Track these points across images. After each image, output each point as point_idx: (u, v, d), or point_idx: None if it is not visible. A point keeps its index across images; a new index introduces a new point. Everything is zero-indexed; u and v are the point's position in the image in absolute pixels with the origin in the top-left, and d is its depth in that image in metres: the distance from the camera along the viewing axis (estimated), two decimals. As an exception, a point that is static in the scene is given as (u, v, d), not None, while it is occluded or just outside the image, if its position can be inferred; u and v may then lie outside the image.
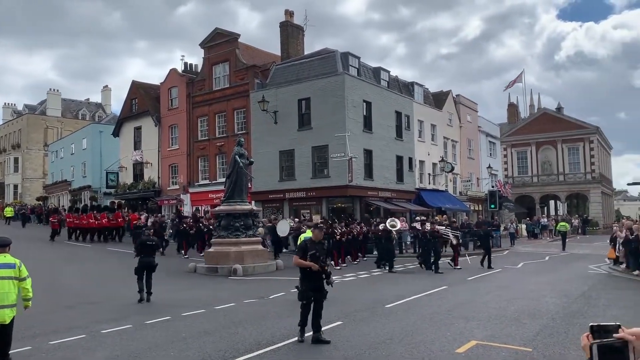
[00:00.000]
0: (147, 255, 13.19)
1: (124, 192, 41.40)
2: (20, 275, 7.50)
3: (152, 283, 13.05)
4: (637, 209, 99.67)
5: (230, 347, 8.38)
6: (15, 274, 7.47)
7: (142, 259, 13.08)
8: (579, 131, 54.90)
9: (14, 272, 7.44)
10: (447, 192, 38.64)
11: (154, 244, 13.65)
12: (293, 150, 30.77)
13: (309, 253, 8.56)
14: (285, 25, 35.87)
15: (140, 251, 13.24)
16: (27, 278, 7.57)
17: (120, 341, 8.94)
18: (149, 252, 13.28)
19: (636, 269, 17.48)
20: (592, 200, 54.48)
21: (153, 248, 13.49)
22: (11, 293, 7.35)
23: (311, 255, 8.53)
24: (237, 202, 20.52)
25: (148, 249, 13.29)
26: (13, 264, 7.50)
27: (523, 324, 9.88)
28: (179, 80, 38.18)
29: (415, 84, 38.12)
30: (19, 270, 7.50)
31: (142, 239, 13.65)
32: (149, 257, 13.15)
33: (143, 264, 13.02)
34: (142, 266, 13.01)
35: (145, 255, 13.15)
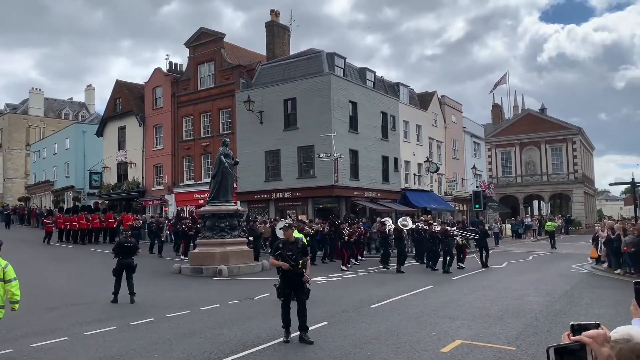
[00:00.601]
0: (126, 256, 13.20)
1: (107, 193, 40.99)
2: (5, 278, 7.49)
3: (133, 284, 13.02)
4: (619, 209, 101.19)
5: (215, 348, 8.33)
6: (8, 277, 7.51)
7: (120, 260, 13.09)
8: (562, 132, 55.55)
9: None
10: (432, 193, 38.85)
11: (132, 245, 13.67)
12: (279, 150, 30.71)
13: (276, 253, 8.83)
14: (271, 25, 35.79)
15: (119, 253, 13.25)
16: (12, 280, 7.55)
17: (104, 343, 8.84)
18: (128, 253, 13.30)
19: (618, 268, 17.73)
20: (575, 201, 55.16)
21: (131, 249, 13.50)
22: (15, 293, 7.51)
23: (279, 254, 8.78)
24: (223, 202, 20.43)
25: (126, 251, 13.31)
26: None
27: (507, 323, 9.96)
28: (163, 79, 37.90)
29: (401, 84, 38.29)
30: (4, 272, 7.49)
31: (121, 240, 13.65)
32: (128, 259, 13.17)
33: (122, 265, 13.04)
34: (121, 267, 13.03)
35: (124, 256, 13.17)
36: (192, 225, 24.96)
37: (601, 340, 1.63)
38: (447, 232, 19.92)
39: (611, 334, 1.90)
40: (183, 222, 25.44)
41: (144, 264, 21.93)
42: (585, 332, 1.65)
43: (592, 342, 1.62)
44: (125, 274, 13.01)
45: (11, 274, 7.57)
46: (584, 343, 1.62)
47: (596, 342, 1.62)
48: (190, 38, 35.96)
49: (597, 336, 1.63)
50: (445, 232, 19.91)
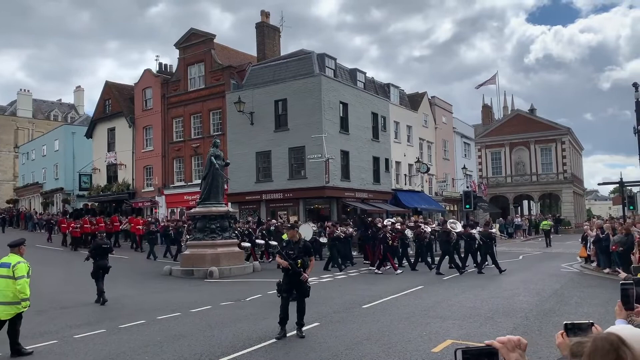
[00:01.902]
0: (103, 258, 13.45)
1: (97, 195, 40.72)
2: (14, 275, 7.96)
3: (103, 284, 13.28)
4: (608, 209, 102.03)
5: (206, 350, 8.30)
6: (9, 273, 7.99)
7: (97, 262, 13.27)
8: (551, 132, 55.91)
9: (7, 271, 8.00)
10: (423, 193, 38.96)
11: (108, 247, 14.00)
12: (270, 151, 30.66)
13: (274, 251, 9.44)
14: (262, 26, 35.77)
15: (96, 254, 13.43)
16: (20, 278, 7.98)
17: (94, 346, 8.78)
18: (104, 255, 13.56)
19: (606, 267, 17.87)
20: (564, 200, 55.53)
21: (107, 251, 13.80)
22: (6, 291, 7.94)
23: (278, 253, 9.56)
24: (213, 203, 20.38)
25: (102, 252, 13.53)
26: (8, 264, 8.10)
27: (497, 322, 10.01)
28: (153, 80, 37.73)
29: (391, 85, 38.38)
30: (13, 270, 7.99)
31: (97, 243, 13.94)
32: (104, 260, 13.45)
33: (99, 267, 13.25)
34: (99, 269, 13.23)
35: (100, 258, 13.38)
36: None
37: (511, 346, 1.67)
38: (469, 234, 19.83)
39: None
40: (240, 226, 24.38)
41: (134, 266, 21.89)
42: (498, 338, 1.69)
43: (502, 347, 1.66)
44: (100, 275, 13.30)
45: (20, 272, 7.99)
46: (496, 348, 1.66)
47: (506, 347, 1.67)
48: (180, 39, 35.83)
49: (508, 342, 1.68)
50: (468, 234, 19.84)
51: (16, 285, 7.96)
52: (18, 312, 8.11)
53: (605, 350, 1.73)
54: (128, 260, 24.40)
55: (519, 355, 1.68)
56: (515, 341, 1.69)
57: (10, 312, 7.99)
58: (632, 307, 2.98)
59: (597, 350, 1.75)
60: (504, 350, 1.65)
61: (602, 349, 1.74)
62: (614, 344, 1.75)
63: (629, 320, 2.91)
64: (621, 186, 30.59)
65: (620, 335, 1.84)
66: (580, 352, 1.81)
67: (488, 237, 19.25)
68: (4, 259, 8.25)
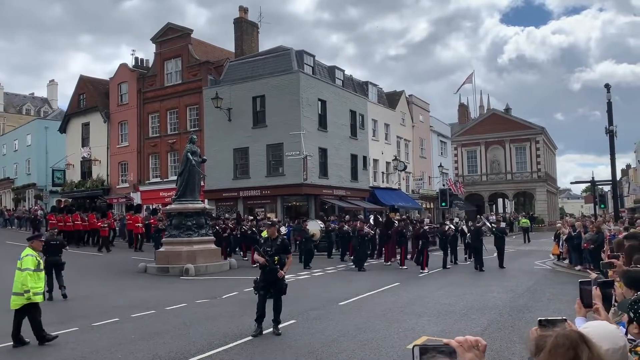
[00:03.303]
0: (53, 254, 13.53)
1: (71, 191, 39.99)
2: (21, 267, 8.64)
3: (63, 279, 13.40)
4: (580, 207, 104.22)
5: (181, 348, 8.22)
6: (18, 265, 8.72)
7: (48, 258, 13.17)
8: (525, 131, 56.77)
9: (19, 263, 8.75)
10: (400, 191, 39.21)
11: (58, 243, 14.16)
12: (247, 148, 30.49)
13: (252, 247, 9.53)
14: (240, 22, 35.51)
15: (46, 251, 13.30)
16: (24, 271, 8.54)
17: (66, 345, 8.62)
18: (55, 251, 13.67)
19: (578, 265, 18.24)
20: (538, 199, 56.46)
21: (58, 247, 13.95)
22: (17, 282, 8.58)
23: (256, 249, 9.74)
24: (189, 200, 20.18)
25: (53, 248, 13.63)
26: (20, 257, 8.86)
27: (472, 319, 10.14)
28: (129, 75, 37.16)
29: (370, 83, 38.50)
30: (20, 262, 8.74)
31: (47, 239, 13.82)
32: (55, 256, 13.56)
33: (50, 263, 13.26)
34: (50, 265, 13.23)
35: (51, 254, 13.40)
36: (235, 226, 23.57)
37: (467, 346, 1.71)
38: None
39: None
40: (217, 223, 23.79)
41: (109, 264, 21.56)
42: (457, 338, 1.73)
43: (458, 347, 1.69)
44: (55, 271, 13.38)
45: (25, 265, 8.61)
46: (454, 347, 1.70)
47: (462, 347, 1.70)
48: (157, 33, 35.35)
49: (465, 342, 1.72)
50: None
51: (18, 277, 8.55)
52: (27, 303, 8.51)
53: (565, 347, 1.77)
54: (102, 257, 24.05)
55: (474, 355, 1.71)
56: (472, 341, 1.73)
57: (17, 302, 8.52)
58: (591, 305, 3.04)
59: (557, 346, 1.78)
60: (460, 349, 1.68)
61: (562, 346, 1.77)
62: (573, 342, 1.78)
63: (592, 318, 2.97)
64: (593, 185, 31.25)
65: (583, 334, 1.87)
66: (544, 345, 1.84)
67: (502, 232, 20.25)
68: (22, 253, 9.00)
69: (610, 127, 21.22)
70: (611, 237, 14.24)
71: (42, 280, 8.99)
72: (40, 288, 8.80)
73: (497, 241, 19.77)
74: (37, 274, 8.73)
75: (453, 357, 1.68)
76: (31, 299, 8.54)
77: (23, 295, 8.48)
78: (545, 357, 1.79)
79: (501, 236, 19.89)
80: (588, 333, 2.05)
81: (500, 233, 20.05)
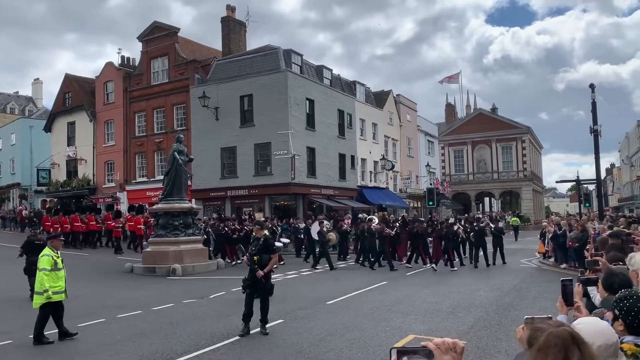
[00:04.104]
0: (35, 254, 13.30)
1: (56, 190, 39.58)
2: (38, 267, 8.86)
3: None
4: (565, 206, 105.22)
5: (168, 348, 8.17)
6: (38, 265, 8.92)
7: (30, 258, 13.18)
8: (511, 131, 57.25)
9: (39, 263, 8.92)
10: (387, 190, 39.33)
11: (41, 243, 13.80)
12: (235, 147, 30.39)
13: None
14: (227, 21, 35.36)
15: (28, 251, 13.37)
16: (41, 271, 8.75)
17: (51, 346, 8.54)
18: (37, 251, 13.40)
19: (563, 263, 18.42)
20: (524, 197, 56.97)
21: (41, 247, 13.60)
22: (37, 281, 8.77)
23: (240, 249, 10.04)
24: (176, 200, 20.07)
25: (36, 249, 13.39)
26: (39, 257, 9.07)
27: (459, 317, 10.19)
28: (115, 74, 36.85)
29: (357, 83, 38.55)
30: (38, 262, 8.96)
31: (30, 239, 13.91)
32: (37, 257, 13.19)
33: (32, 263, 12.99)
34: (32, 265, 13.02)
35: (34, 254, 13.17)
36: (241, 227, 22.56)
37: (445, 348, 1.74)
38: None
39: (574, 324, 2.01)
40: (227, 223, 22.96)
41: (95, 264, 21.37)
42: (434, 340, 1.75)
43: (436, 349, 1.71)
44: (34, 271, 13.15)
45: (41, 264, 8.81)
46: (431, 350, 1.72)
47: (440, 349, 1.72)
48: (144, 32, 35.09)
49: (442, 344, 1.74)
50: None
51: (37, 277, 8.77)
52: (46, 302, 8.65)
53: (557, 348, 1.78)
54: (89, 257, 23.84)
55: (452, 357, 1.73)
56: (449, 344, 1.75)
57: (37, 302, 8.71)
58: (572, 303, 3.07)
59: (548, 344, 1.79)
60: (437, 351, 1.70)
61: (554, 345, 1.79)
62: (565, 342, 1.79)
63: (573, 316, 3.00)
64: (578, 184, 31.59)
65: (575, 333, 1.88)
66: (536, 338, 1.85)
67: (500, 232, 21.12)
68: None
69: (595, 126, 21.43)
70: (595, 235, 14.40)
71: (63, 279, 9.01)
72: (61, 287, 8.90)
73: (496, 240, 20.49)
74: (56, 273, 8.85)
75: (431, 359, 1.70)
76: (51, 298, 8.67)
77: (43, 295, 8.64)
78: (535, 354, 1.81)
79: (500, 235, 20.76)
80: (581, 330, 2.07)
81: (498, 232, 20.92)
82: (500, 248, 20.40)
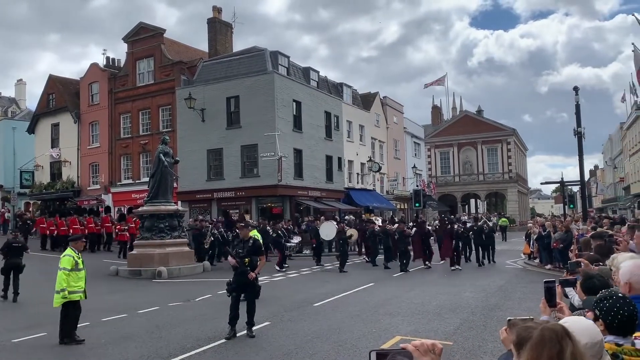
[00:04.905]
0: (14, 256, 13.42)
1: (40, 193, 39.09)
2: (59, 265, 8.95)
3: (19, 284, 13.31)
4: (550, 207, 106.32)
5: (153, 352, 8.10)
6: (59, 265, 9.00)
7: (9, 260, 13.25)
8: (497, 133, 57.72)
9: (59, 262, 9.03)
10: (374, 192, 39.44)
11: (20, 245, 13.98)
12: (221, 149, 30.26)
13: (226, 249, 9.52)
14: (214, 22, 35.24)
15: (7, 253, 13.43)
16: (60, 270, 8.84)
17: (34, 351, 8.42)
18: (16, 253, 13.55)
19: (548, 264, 18.60)
20: (510, 199, 57.43)
21: (20, 250, 13.80)
22: (57, 281, 8.88)
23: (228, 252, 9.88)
24: (162, 202, 19.92)
25: (15, 251, 13.53)
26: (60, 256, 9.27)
27: (445, 318, 10.24)
28: (100, 75, 36.52)
29: (344, 85, 38.62)
30: (59, 261, 9.05)
31: (9, 241, 13.88)
32: (17, 259, 13.44)
33: (10, 265, 13.22)
34: (10, 267, 13.22)
35: (12, 256, 13.34)
36: None
37: (423, 350, 1.76)
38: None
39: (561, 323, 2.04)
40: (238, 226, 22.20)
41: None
42: (413, 342, 1.77)
43: (414, 351, 1.73)
44: (13, 273, 13.27)
45: (61, 264, 8.90)
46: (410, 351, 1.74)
47: (419, 351, 1.74)
48: (129, 33, 34.83)
49: (421, 346, 1.76)
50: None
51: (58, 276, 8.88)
52: (66, 302, 8.79)
53: (552, 341, 1.81)
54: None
55: (430, 359, 1.74)
56: (428, 345, 1.77)
57: (57, 301, 8.83)
58: (555, 304, 3.10)
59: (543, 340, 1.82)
60: (416, 353, 1.72)
61: (549, 340, 1.82)
62: (559, 335, 1.83)
63: (555, 317, 3.03)
64: (562, 186, 31.88)
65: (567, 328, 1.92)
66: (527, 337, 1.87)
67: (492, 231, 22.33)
68: None
69: (579, 128, 21.66)
70: (579, 236, 14.56)
71: (82, 280, 9.13)
72: (80, 287, 9.02)
73: (488, 239, 21.27)
74: (76, 273, 9.00)
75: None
76: (67, 298, 8.79)
77: (60, 294, 8.79)
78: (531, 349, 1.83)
79: (491, 235, 21.69)
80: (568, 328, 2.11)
81: (491, 232, 21.81)
82: (492, 247, 21.43)
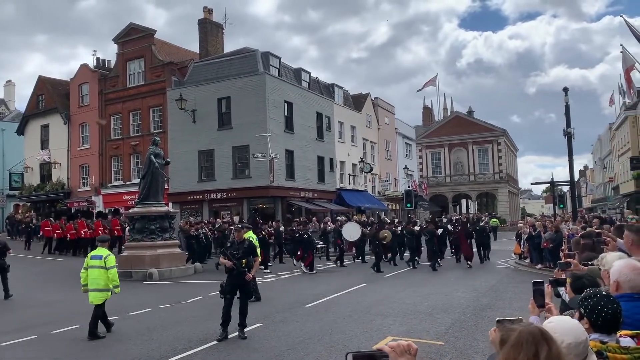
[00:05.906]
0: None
1: (29, 194, 38.80)
2: (106, 265, 9.26)
3: (8, 283, 13.60)
4: (540, 207, 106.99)
5: (144, 354, 8.06)
6: (102, 264, 9.27)
7: None
8: (487, 134, 58.03)
9: (100, 262, 9.30)
10: (366, 192, 39.50)
11: (1, 246, 14.24)
12: (213, 150, 30.18)
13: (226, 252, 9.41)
14: (204, 23, 35.14)
15: None
16: (112, 268, 9.29)
17: (24, 354, 8.35)
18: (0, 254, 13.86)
19: (539, 263, 18.72)
20: (500, 199, 57.74)
21: (2, 250, 14.05)
22: (99, 279, 9.26)
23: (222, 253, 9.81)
24: (153, 203, 19.85)
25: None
26: (100, 256, 9.43)
27: (436, 318, 10.27)
28: (90, 76, 36.29)
29: (336, 85, 38.64)
30: (105, 261, 9.30)
31: None
32: (1, 259, 13.73)
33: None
34: None
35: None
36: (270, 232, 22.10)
37: (400, 351, 1.78)
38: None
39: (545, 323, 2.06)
40: (263, 228, 22.09)
41: (70, 270, 20.93)
42: (389, 343, 1.79)
43: (391, 352, 1.75)
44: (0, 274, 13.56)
45: (110, 262, 9.32)
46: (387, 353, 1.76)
47: (395, 352, 1.76)
48: (119, 34, 34.65)
49: (397, 347, 1.78)
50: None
51: (108, 274, 9.24)
52: (107, 298, 9.37)
53: (528, 343, 1.84)
54: (62, 263, 23.39)
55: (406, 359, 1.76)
56: (404, 346, 1.80)
57: (101, 298, 9.25)
58: (544, 305, 3.13)
59: (520, 341, 1.86)
60: (393, 354, 1.73)
61: (526, 342, 1.85)
62: (536, 338, 1.86)
63: (545, 317, 3.05)
64: (552, 186, 32.15)
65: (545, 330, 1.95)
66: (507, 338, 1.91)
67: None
68: (95, 252, 9.67)
69: (568, 129, 21.82)
70: (569, 236, 14.67)
71: None
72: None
73: (487, 238, 22.93)
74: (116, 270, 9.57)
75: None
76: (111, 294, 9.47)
77: (109, 291, 9.32)
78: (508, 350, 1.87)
79: (489, 234, 23.38)
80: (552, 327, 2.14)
81: (489, 232, 23.66)
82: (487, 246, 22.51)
